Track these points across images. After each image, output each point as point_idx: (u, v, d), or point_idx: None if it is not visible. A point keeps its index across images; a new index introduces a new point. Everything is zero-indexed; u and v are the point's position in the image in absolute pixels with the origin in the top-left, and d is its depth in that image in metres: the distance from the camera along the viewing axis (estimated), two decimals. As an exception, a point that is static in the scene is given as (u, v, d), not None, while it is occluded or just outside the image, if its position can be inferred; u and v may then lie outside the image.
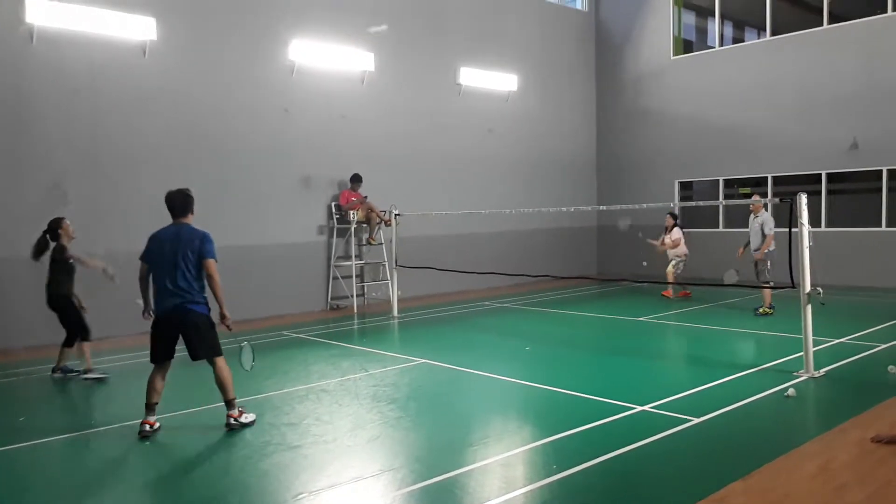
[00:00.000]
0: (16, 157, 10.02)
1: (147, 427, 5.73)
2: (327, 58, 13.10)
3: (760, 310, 11.07)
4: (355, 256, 13.52)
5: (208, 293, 5.92)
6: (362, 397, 6.84)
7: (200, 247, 5.82)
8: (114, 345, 9.58)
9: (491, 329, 10.97)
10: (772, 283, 10.52)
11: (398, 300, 12.46)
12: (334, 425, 5.97)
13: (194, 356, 5.88)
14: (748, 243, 11.29)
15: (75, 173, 10.53)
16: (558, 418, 6.05)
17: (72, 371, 7.98)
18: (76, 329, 7.85)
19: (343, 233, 13.43)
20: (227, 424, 5.82)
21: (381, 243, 13.65)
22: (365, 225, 13.43)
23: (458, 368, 7.96)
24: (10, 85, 9.96)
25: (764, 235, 10.87)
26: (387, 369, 8.04)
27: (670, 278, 13.22)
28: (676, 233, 13.48)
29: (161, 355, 5.87)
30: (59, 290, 7.78)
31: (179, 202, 5.99)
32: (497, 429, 5.94)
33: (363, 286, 13.91)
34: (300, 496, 4.48)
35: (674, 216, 13.71)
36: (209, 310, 5.94)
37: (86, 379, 7.80)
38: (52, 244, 7.85)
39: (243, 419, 5.88)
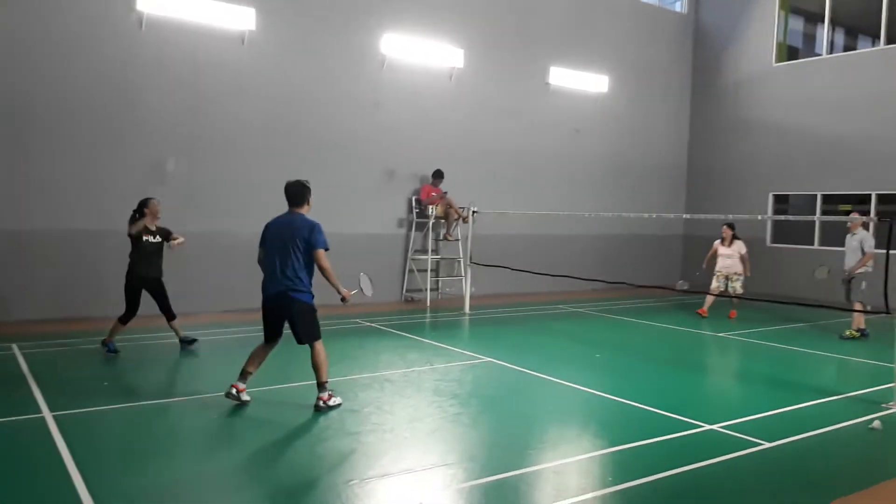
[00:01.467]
0: (118, 138, 10.64)
1: (234, 391, 6.08)
2: (417, 53, 13.24)
3: (847, 332, 10.42)
4: (432, 251, 13.62)
5: (318, 280, 6.16)
6: (424, 390, 6.89)
7: (310, 236, 6.04)
8: (206, 319, 10.02)
9: (561, 333, 10.81)
10: (867, 307, 9.90)
11: (471, 297, 12.47)
12: (394, 415, 6.04)
13: (298, 340, 6.19)
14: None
15: (173, 155, 11.07)
16: (621, 430, 5.89)
17: (194, 340, 8.59)
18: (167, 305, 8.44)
19: (421, 227, 13.55)
20: (316, 406, 6.07)
21: (458, 239, 13.70)
22: (443, 220, 13.51)
23: (524, 370, 7.89)
24: (119, 68, 10.58)
25: (863, 252, 10.25)
26: (452, 364, 8.06)
27: (733, 295, 12.20)
28: (743, 247, 12.23)
29: (268, 335, 6.25)
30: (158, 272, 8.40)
31: (296, 192, 6.27)
32: (556, 435, 5.84)
33: (438, 281, 14.00)
34: (351, 482, 4.55)
35: (732, 226, 12.36)
36: (312, 297, 6.18)
37: (188, 347, 8.50)
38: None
39: (332, 402, 6.11)
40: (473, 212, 12.49)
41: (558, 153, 15.50)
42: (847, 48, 17.20)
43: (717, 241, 12.58)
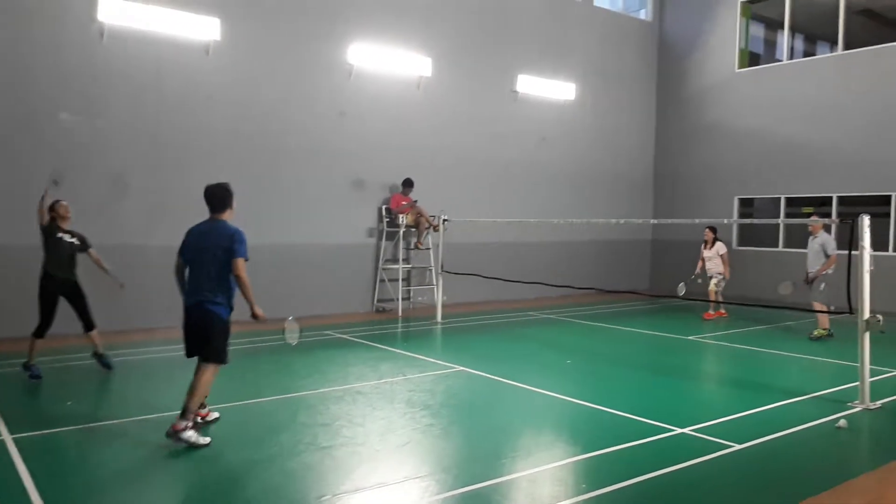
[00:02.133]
0: (81, 150, 10.41)
1: (198, 419, 5.70)
2: (385, 62, 13.21)
3: (815, 333, 10.61)
4: (403, 260, 13.57)
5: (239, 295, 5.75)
6: (397, 402, 6.84)
7: (230, 245, 5.62)
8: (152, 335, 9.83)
9: (533, 340, 10.83)
10: (831, 307, 10.08)
11: (443, 306, 12.44)
12: (366, 428, 5.97)
13: (204, 357, 5.65)
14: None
15: (137, 168, 10.89)
16: (593, 436, 5.91)
17: (110, 366, 7.98)
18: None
19: (392, 236, 13.50)
20: (168, 433, 5.36)
21: (429, 248, 13.67)
22: (414, 229, 13.47)
23: (496, 378, 7.87)
24: (80, 81, 10.37)
25: (826, 256, 10.44)
26: (425, 375, 8.01)
27: (713, 297, 12.75)
28: (722, 247, 12.95)
29: (191, 350, 5.73)
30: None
31: (217, 197, 5.85)
32: (529, 443, 5.83)
33: (409, 290, 13.96)
34: (323, 498, 4.48)
35: (713, 230, 13.01)
36: (230, 311, 5.73)
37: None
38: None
39: (185, 435, 5.34)
40: (444, 220, 12.48)
41: (527, 161, 15.58)
42: (807, 54, 17.63)
43: (702, 245, 13.08)
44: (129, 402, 7.00)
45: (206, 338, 5.63)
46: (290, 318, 6.25)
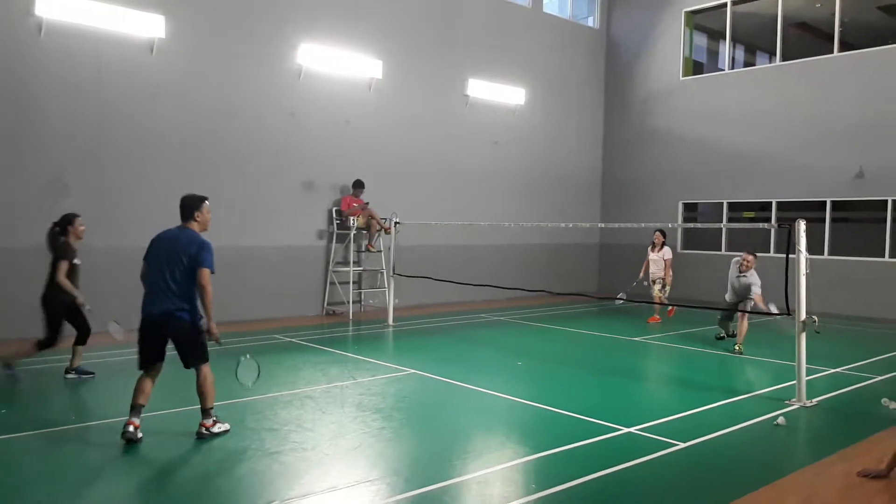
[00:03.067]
0: (18, 149, 10.04)
1: (130, 428, 5.49)
2: (335, 63, 13.12)
3: (737, 347, 9.98)
4: (354, 263, 13.49)
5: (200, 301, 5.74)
6: (347, 405, 6.79)
7: (197, 254, 5.59)
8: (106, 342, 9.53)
9: (484, 342, 10.89)
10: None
11: (394, 309, 12.40)
12: (315, 433, 5.91)
13: (185, 364, 5.77)
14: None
15: (78, 168, 10.54)
16: (543, 436, 5.98)
17: (87, 373, 7.74)
18: (53, 332, 7.42)
19: (342, 238, 13.40)
20: (198, 433, 5.65)
21: (380, 251, 13.62)
22: (365, 231, 13.40)
23: (447, 380, 7.89)
24: (15, 77, 10.00)
25: (751, 296, 9.89)
26: (375, 378, 7.98)
27: (659, 300, 12.73)
28: (668, 252, 12.88)
29: (147, 359, 5.69)
30: (53, 293, 7.37)
31: (185, 205, 5.84)
32: (479, 444, 5.86)
33: (360, 293, 13.87)
34: (272, 503, 4.41)
35: (664, 233, 12.98)
36: (200, 317, 5.76)
37: (66, 377, 7.62)
38: (61, 239, 7.47)
39: (216, 429, 5.71)
40: (395, 222, 12.45)
41: (478, 164, 15.68)
42: (747, 64, 18.23)
43: (649, 248, 13.05)
44: (71, 409, 6.76)
45: (180, 345, 5.67)
46: (248, 356, 6.31)
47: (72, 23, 10.33)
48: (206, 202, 5.93)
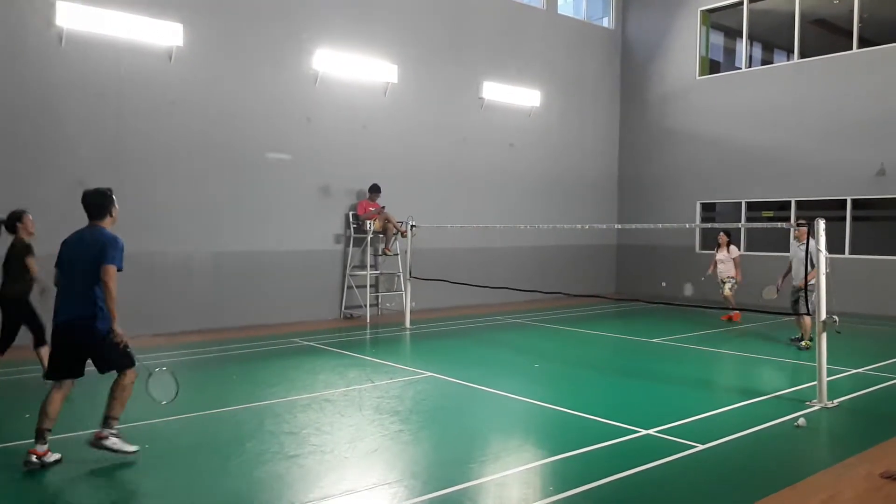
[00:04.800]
0: (39, 157, 10.21)
1: (33, 458, 4.99)
2: (351, 68, 13.21)
3: (804, 343, 10.02)
4: (370, 266, 13.55)
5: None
6: (365, 408, 6.82)
7: (101, 251, 5.17)
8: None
9: (501, 344, 10.89)
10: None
11: (411, 312, 12.45)
12: (334, 436, 5.94)
13: (101, 370, 5.33)
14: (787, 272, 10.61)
15: (97, 174, 10.65)
16: (560, 439, 5.97)
17: None
18: (32, 330, 7.38)
19: (359, 242, 13.47)
20: (92, 441, 5.21)
21: (397, 254, 13.67)
22: (381, 235, 13.45)
23: (465, 383, 7.90)
24: (36, 86, 10.17)
25: (812, 265, 10.08)
26: (393, 381, 8.01)
27: (732, 302, 12.85)
28: (735, 251, 13.10)
29: (60, 372, 5.23)
30: (13, 288, 7.28)
31: (94, 202, 5.40)
32: (497, 447, 5.86)
33: (377, 296, 13.93)
34: (291, 506, 4.46)
35: (728, 233, 13.19)
36: (108, 321, 5.26)
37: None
38: (10, 237, 7.38)
39: (109, 443, 5.20)
40: (412, 226, 12.49)
41: (494, 167, 15.69)
42: (764, 62, 18.08)
43: (715, 249, 13.34)
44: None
45: (96, 354, 5.25)
46: (162, 369, 5.83)
47: (92, 32, 10.50)
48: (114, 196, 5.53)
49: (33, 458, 5.01)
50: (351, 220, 13.35)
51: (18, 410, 6.64)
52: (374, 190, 13.23)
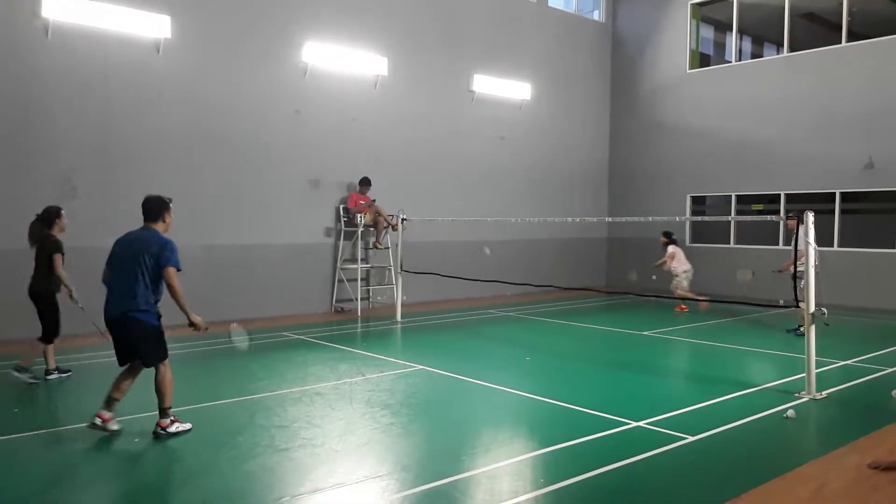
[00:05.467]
0: (25, 151, 10.11)
1: (98, 420, 5.61)
2: (341, 61, 13.14)
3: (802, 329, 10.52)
4: (361, 260, 13.52)
5: (166, 302, 5.70)
6: (356, 402, 6.81)
7: (160, 253, 5.59)
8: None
9: (493, 337, 10.90)
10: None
11: (402, 305, 12.44)
12: (324, 429, 5.93)
13: (143, 363, 5.78)
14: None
15: (85, 168, 10.61)
16: (551, 431, 5.98)
17: (67, 371, 7.79)
18: (49, 327, 7.55)
19: (350, 236, 13.43)
20: (155, 433, 5.63)
21: (388, 247, 13.64)
22: (372, 228, 13.42)
23: (456, 376, 7.90)
24: (22, 79, 10.06)
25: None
26: (384, 374, 8.00)
27: (690, 293, 13.12)
28: (670, 249, 13.53)
29: (121, 359, 5.78)
30: (41, 285, 7.50)
31: (153, 207, 5.87)
32: (488, 439, 5.87)
33: (368, 290, 13.90)
34: (282, 500, 4.44)
35: (666, 234, 13.75)
36: (157, 317, 5.75)
37: (48, 379, 7.59)
38: (46, 231, 7.56)
39: (173, 428, 5.68)
40: (403, 219, 12.47)
41: (485, 160, 15.67)
42: (754, 56, 18.12)
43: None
44: (71, 409, 6.81)
45: (136, 346, 5.68)
46: (234, 325, 6.66)
47: (78, 24, 10.39)
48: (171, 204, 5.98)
49: (97, 420, 5.59)
50: (341, 213, 13.30)
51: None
52: (365, 183, 13.19)
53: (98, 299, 5.91)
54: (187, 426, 5.77)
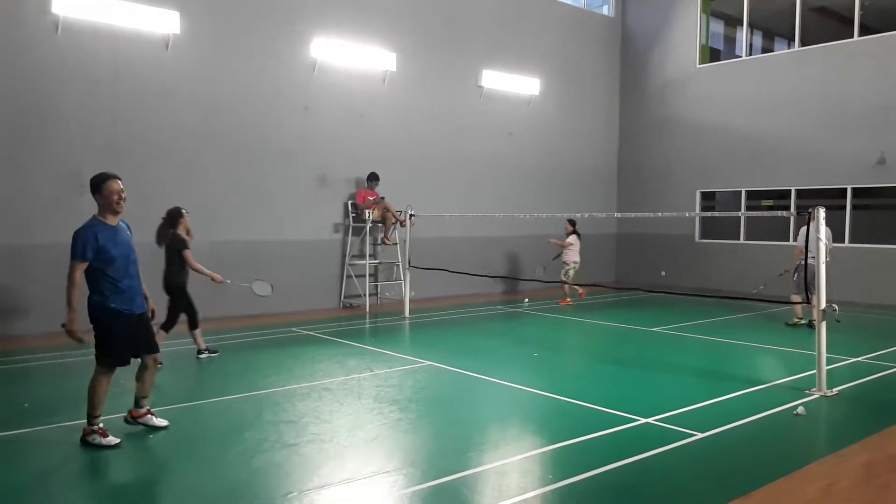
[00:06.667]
0: (35, 146, 10.16)
1: (130, 417, 5.73)
2: (349, 56, 13.13)
3: (795, 320, 11.13)
4: (370, 256, 13.53)
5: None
6: (364, 397, 6.82)
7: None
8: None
9: (500, 333, 10.89)
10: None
11: (410, 301, 12.44)
12: (333, 424, 5.94)
13: (156, 350, 5.83)
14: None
15: (94, 164, 10.56)
16: (559, 427, 5.97)
17: (215, 351, 8.54)
18: (188, 314, 8.27)
19: (358, 231, 13.44)
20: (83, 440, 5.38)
21: (396, 243, 13.64)
22: (380, 224, 13.42)
23: (464, 372, 7.90)
24: (32, 75, 10.10)
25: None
26: (392, 370, 8.01)
27: (568, 285, 13.62)
28: (570, 238, 13.90)
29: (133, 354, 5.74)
30: (172, 278, 8.10)
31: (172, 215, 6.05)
32: (496, 435, 5.86)
33: (376, 286, 13.91)
34: (290, 495, 4.45)
35: (571, 222, 14.01)
36: (98, 308, 5.35)
37: (199, 358, 8.41)
38: (170, 232, 8.23)
39: (98, 440, 5.31)
40: (411, 215, 12.46)
41: (493, 155, 15.64)
42: (765, 50, 17.98)
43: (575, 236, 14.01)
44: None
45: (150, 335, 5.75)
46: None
47: (88, 20, 10.42)
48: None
49: (130, 417, 5.71)
50: (349, 209, 13.31)
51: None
52: (373, 178, 13.19)
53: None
54: (117, 440, 5.37)
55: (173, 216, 8.27)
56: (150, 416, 5.75)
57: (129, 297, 5.43)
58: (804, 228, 10.87)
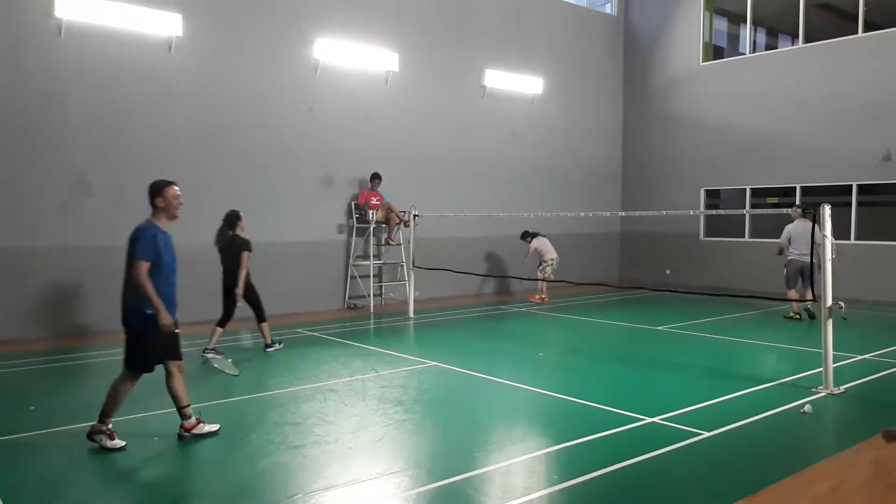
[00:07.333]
0: (39, 149, 10.17)
1: (184, 431, 5.55)
2: (352, 57, 13.13)
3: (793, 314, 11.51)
4: (373, 256, 13.53)
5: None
6: (369, 398, 6.81)
7: (131, 246, 5.32)
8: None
9: (505, 333, 10.87)
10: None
11: (415, 301, 12.43)
12: (338, 426, 5.94)
13: (179, 357, 5.64)
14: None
15: (97, 166, 10.67)
16: (565, 427, 5.95)
17: (219, 353, 8.50)
18: (254, 309, 8.99)
19: (362, 232, 13.43)
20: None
21: (400, 244, 13.63)
22: (384, 225, 13.42)
23: (468, 372, 7.89)
24: (36, 78, 10.12)
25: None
26: (397, 370, 8.00)
27: (542, 282, 13.88)
28: (533, 244, 14.17)
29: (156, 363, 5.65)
30: (234, 279, 8.61)
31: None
32: (501, 435, 5.85)
33: (381, 286, 13.91)
34: (295, 497, 4.45)
35: (523, 236, 14.40)
36: (142, 316, 5.31)
37: (267, 351, 8.98)
38: (229, 234, 8.71)
39: (105, 441, 5.31)
40: (414, 215, 12.45)
41: (497, 155, 15.62)
42: (769, 47, 17.91)
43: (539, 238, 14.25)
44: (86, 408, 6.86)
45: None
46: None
47: (91, 23, 10.44)
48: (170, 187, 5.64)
49: (184, 431, 5.57)
50: (353, 209, 13.31)
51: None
52: (375, 178, 13.18)
53: (114, 294, 5.92)
54: (122, 442, 5.36)
55: (231, 219, 8.78)
56: (201, 424, 5.62)
57: (165, 304, 5.32)
58: (789, 226, 11.18)
